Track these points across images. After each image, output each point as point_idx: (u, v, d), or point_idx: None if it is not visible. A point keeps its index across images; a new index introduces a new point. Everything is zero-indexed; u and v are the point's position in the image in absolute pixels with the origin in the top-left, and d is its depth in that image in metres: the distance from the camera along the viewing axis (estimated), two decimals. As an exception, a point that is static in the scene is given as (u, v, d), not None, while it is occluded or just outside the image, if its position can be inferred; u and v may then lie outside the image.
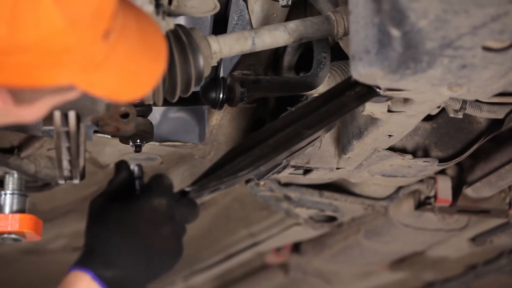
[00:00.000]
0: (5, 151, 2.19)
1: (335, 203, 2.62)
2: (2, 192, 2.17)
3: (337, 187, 2.57)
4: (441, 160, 2.14)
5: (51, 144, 2.17)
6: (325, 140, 2.16)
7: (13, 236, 2.11)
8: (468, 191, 2.47)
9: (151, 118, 1.84)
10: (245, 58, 1.99)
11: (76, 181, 1.59)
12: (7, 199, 2.15)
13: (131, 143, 1.81)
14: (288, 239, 3.10)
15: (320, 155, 2.18)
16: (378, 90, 1.54)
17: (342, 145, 2.12)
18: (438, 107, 1.89)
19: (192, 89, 1.65)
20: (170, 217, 1.51)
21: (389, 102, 1.71)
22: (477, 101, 1.89)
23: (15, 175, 2.20)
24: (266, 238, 3.04)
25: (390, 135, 1.89)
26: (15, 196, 2.16)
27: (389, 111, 1.73)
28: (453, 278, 3.42)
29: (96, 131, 2.07)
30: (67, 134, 1.50)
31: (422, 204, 2.56)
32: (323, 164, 2.19)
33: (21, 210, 2.14)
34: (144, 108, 1.79)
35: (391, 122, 1.80)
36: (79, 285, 1.43)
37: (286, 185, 2.53)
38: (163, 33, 1.40)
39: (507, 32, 1.32)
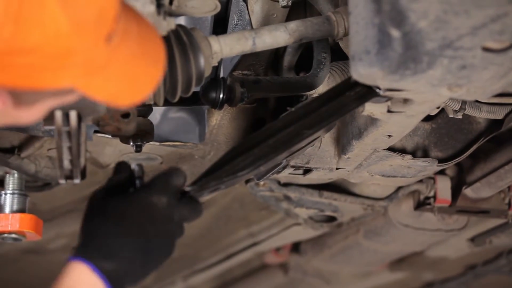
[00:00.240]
0: (5, 151, 2.19)
1: (334, 203, 2.62)
2: (3, 192, 2.17)
3: (337, 187, 2.57)
4: (441, 161, 2.15)
5: (52, 144, 2.17)
6: (325, 140, 2.16)
7: (13, 235, 2.11)
8: (468, 191, 2.47)
9: (151, 118, 1.84)
10: (245, 58, 1.99)
11: (77, 181, 1.59)
12: (8, 199, 2.16)
13: (131, 143, 1.82)
14: (287, 239, 3.10)
15: (320, 155, 2.18)
16: (378, 90, 1.54)
17: (341, 145, 2.12)
18: (438, 107, 1.89)
19: (193, 89, 1.65)
20: (168, 216, 1.50)
21: (389, 103, 1.71)
22: (476, 101, 1.89)
23: (16, 175, 2.20)
24: (266, 238, 3.04)
25: (389, 136, 1.89)
26: (16, 196, 2.17)
27: (389, 111, 1.73)
28: (452, 278, 3.42)
29: (96, 131, 2.07)
30: (68, 133, 1.49)
31: (421, 204, 2.56)
32: (323, 164, 2.19)
33: (21, 210, 2.15)
34: (144, 108, 1.79)
35: (390, 123, 1.80)
36: (78, 277, 1.42)
37: (286, 185, 2.53)
38: (162, 36, 1.40)
39: (506, 32, 1.32)
